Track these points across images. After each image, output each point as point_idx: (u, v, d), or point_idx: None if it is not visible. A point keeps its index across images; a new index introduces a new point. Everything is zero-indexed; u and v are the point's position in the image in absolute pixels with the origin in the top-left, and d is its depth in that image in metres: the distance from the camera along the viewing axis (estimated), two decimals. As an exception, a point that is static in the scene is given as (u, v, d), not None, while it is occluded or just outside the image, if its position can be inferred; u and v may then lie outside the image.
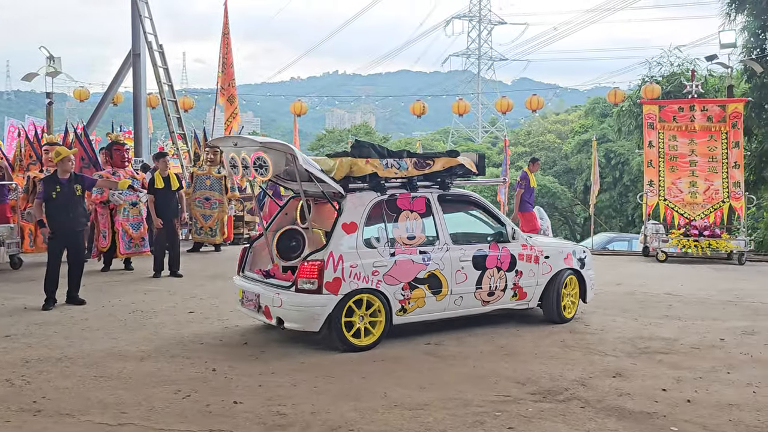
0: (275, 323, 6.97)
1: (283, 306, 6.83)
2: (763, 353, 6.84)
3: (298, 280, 6.82)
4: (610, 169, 38.91)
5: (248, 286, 7.41)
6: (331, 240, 6.92)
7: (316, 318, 6.75)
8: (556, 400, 5.35)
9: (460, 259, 7.55)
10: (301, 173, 7.02)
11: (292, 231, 7.61)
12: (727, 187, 15.02)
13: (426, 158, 7.77)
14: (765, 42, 17.08)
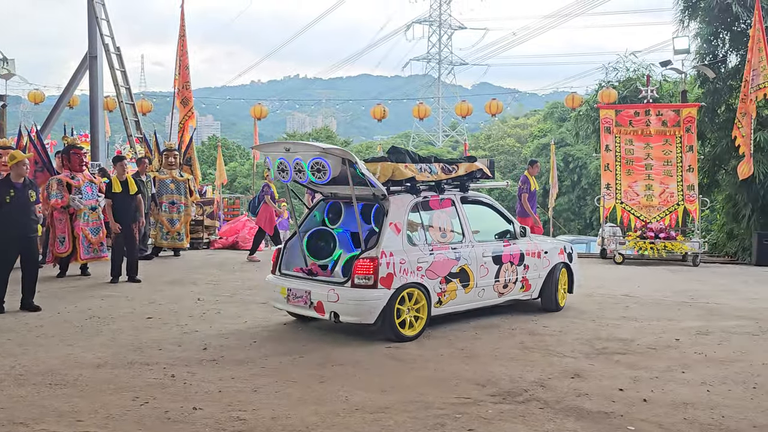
0: (328, 317, 7.43)
1: (339, 301, 7.31)
2: (716, 352, 6.97)
3: (355, 276, 7.34)
4: (568, 172, 39.46)
5: (296, 284, 7.82)
6: (381, 239, 7.48)
7: (373, 311, 7.29)
8: (516, 402, 5.40)
9: (482, 254, 8.34)
10: (354, 177, 7.51)
11: (320, 231, 8.45)
12: (682, 190, 15.32)
13: (451, 163, 8.56)
14: (717, 48, 17.43)
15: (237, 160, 65.12)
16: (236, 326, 8.02)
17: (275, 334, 7.63)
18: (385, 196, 7.72)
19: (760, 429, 4.87)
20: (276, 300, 8.05)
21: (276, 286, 8.04)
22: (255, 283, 11.41)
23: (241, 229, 17.31)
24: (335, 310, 7.36)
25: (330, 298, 7.38)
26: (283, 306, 7.97)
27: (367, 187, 7.66)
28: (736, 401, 5.44)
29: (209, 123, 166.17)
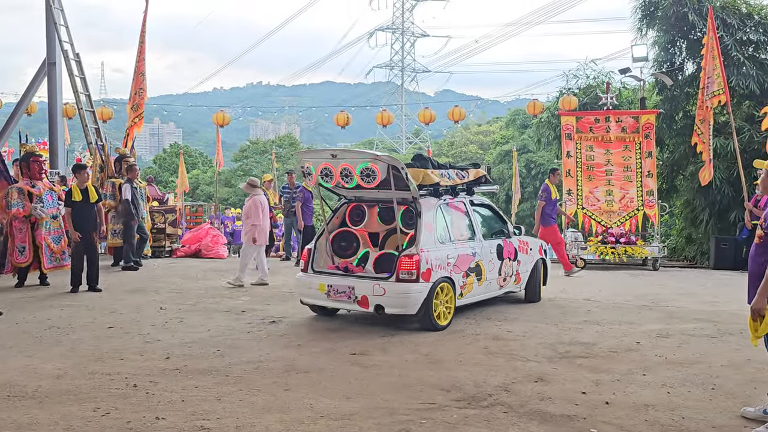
0: (372, 310, 8.21)
1: (386, 294, 8.09)
2: (676, 355, 7.09)
3: (400, 271, 8.12)
4: (530, 179, 39.84)
5: (337, 280, 8.52)
6: (419, 237, 8.32)
7: (416, 303, 8.11)
8: (480, 406, 5.43)
9: (490, 251, 9.37)
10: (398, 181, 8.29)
11: (343, 232, 9.30)
12: (641, 195, 15.56)
13: (462, 170, 9.63)
14: (674, 56, 17.76)
15: (200, 167, 64.56)
16: (199, 335, 7.95)
17: (239, 343, 7.57)
18: (416, 199, 8.56)
19: (719, 429, 4.96)
20: (310, 296, 8.77)
21: (312, 282, 8.70)
22: (218, 291, 11.33)
23: (204, 237, 17.14)
24: (380, 303, 8.14)
25: (376, 292, 8.13)
26: (319, 301, 8.69)
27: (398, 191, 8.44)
28: (695, 402, 5.53)
29: (171, 130, 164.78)
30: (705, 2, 16.37)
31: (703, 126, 14.57)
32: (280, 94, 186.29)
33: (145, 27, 17.28)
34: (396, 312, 8.18)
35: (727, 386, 5.97)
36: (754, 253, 5.11)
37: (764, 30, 16.22)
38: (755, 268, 5.07)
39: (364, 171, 8.28)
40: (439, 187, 8.89)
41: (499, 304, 10.05)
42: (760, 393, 5.63)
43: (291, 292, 11.28)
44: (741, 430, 4.96)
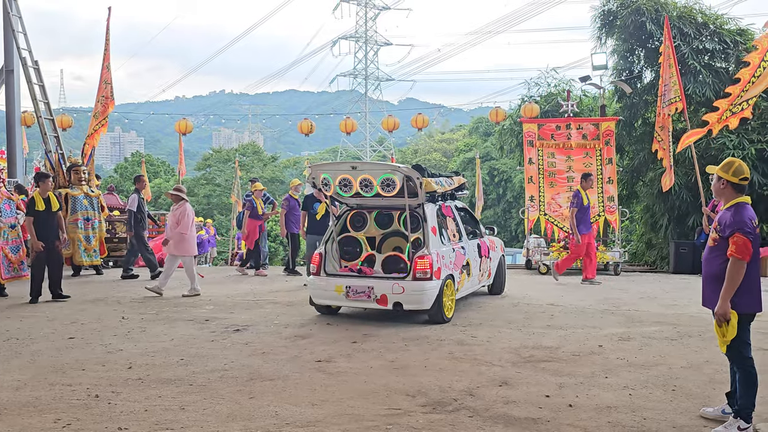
0: (391, 307, 8.99)
1: (405, 292, 8.90)
2: (637, 357, 7.19)
3: (416, 271, 8.94)
4: (494, 186, 40.13)
5: (356, 281, 9.24)
6: (428, 240, 9.17)
7: (431, 299, 8.95)
8: (446, 411, 5.45)
9: (473, 249, 10.47)
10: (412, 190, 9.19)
11: (347, 237, 10.16)
12: (602, 201, 15.77)
13: (449, 177, 10.51)
14: (633, 64, 18.07)
15: (162, 176, 63.88)
16: (162, 344, 7.86)
17: (203, 351, 7.50)
18: (421, 205, 9.42)
19: (680, 429, 5.05)
20: (326, 297, 9.39)
21: (329, 284, 9.30)
22: (181, 300, 11.22)
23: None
24: (399, 300, 8.94)
25: (395, 290, 8.93)
26: (336, 302, 9.39)
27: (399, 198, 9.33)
28: (656, 403, 5.62)
29: (132, 139, 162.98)
30: (662, 12, 16.68)
31: (663, 133, 14.80)
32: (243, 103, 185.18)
33: (109, 35, 17.05)
34: (413, 308, 8.99)
35: (687, 387, 6.07)
36: (708, 256, 5.21)
37: (719, 39, 16.59)
38: (709, 271, 5.17)
39: (385, 181, 9.19)
40: (435, 194, 9.75)
41: (464, 310, 10.11)
42: (718, 393, 5.74)
43: (256, 300, 11.24)
44: (701, 430, 5.05)
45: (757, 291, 5.05)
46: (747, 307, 4.99)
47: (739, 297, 4.93)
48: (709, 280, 5.18)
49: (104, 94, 16.53)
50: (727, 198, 5.13)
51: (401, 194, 9.22)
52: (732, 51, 16.57)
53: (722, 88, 16.21)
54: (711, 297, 5.11)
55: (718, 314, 4.92)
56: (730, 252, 4.92)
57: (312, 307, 9.91)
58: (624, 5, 17.33)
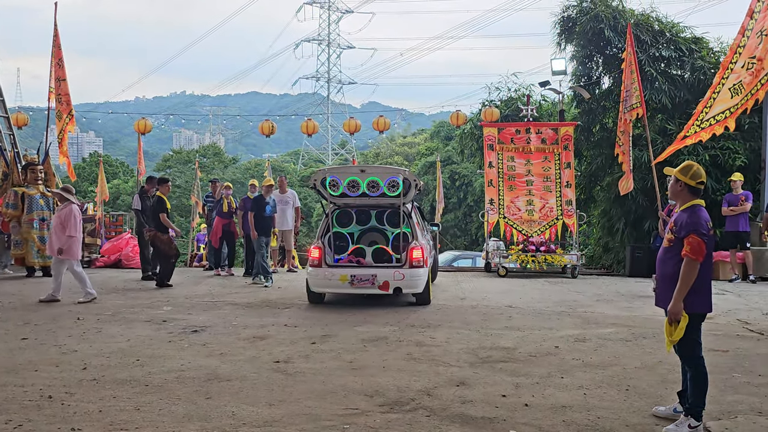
0: (392, 292, 10.46)
1: (404, 279, 10.40)
2: (593, 358, 7.29)
3: (412, 260, 10.48)
4: (455, 190, 40.29)
5: (359, 271, 10.59)
6: (417, 234, 10.98)
7: (423, 283, 10.56)
8: (403, 411, 5.47)
9: (429, 241, 12.19)
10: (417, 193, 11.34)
11: (336, 233, 11.65)
12: (561, 205, 15.97)
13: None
14: (591, 70, 18.33)
15: (120, 177, 63.05)
16: (118, 345, 7.76)
17: (159, 352, 7.42)
18: (405, 204, 11.16)
19: (633, 428, 5.13)
20: (329, 286, 10.60)
21: (333, 274, 10.52)
22: (138, 301, 11.08)
23: (125, 247, 16.77)
24: (399, 285, 10.41)
25: (396, 277, 10.41)
26: (339, 289, 10.61)
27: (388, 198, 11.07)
28: (610, 403, 5.70)
29: (91, 139, 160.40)
30: (620, 19, 16.96)
31: (624, 137, 15.07)
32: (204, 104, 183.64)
33: (57, 30, 16.73)
34: (410, 291, 10.54)
35: (641, 387, 6.17)
36: (663, 256, 5.31)
37: (675, 47, 16.90)
38: (664, 271, 5.27)
39: (391, 182, 10.79)
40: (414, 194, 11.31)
41: (423, 311, 10.17)
42: (670, 393, 5.84)
43: (214, 301, 11.15)
44: (653, 428, 5.14)
45: (708, 292, 5.17)
46: (698, 307, 5.10)
47: (691, 297, 5.04)
48: (663, 281, 5.29)
49: (60, 92, 16.25)
50: (683, 200, 5.24)
51: (397, 195, 10.90)
52: (687, 59, 16.90)
53: (678, 95, 16.57)
54: (664, 297, 5.21)
55: (671, 312, 5.02)
56: (684, 252, 5.03)
57: (268, 308, 10.06)
58: (583, 12, 17.59)
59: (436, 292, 11.96)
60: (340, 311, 10.21)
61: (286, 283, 13.55)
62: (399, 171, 10.94)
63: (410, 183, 10.87)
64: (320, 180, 11.13)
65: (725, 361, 7.09)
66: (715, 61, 16.92)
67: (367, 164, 12.78)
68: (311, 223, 48.93)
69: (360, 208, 11.73)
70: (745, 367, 6.93)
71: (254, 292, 12.20)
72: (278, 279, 14.21)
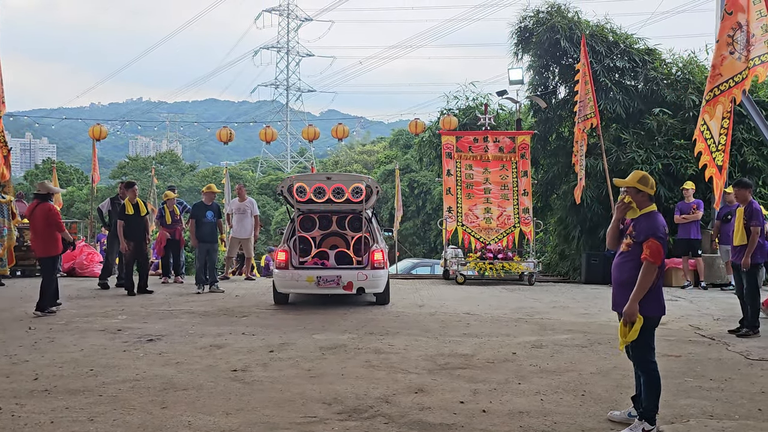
0: (356, 292, 11.08)
1: (367, 279, 11.06)
2: (549, 364, 7.37)
3: (374, 262, 11.21)
4: (414, 198, 40.41)
5: (325, 272, 11.22)
6: (377, 238, 11.91)
7: (384, 283, 11.27)
8: (362, 418, 5.46)
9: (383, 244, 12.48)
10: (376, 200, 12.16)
11: (300, 237, 12.07)
12: (518, 213, 16.12)
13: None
14: (548, 80, 18.55)
15: (75, 184, 61.97)
16: (72, 355, 7.61)
17: (114, 362, 7.30)
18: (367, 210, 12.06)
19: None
20: (296, 286, 11.15)
21: (300, 275, 11.10)
22: (92, 310, 10.90)
23: (78, 255, 16.45)
24: (362, 285, 11.04)
25: (359, 278, 11.05)
26: (306, 290, 11.16)
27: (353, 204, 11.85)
28: (567, 408, 5.77)
29: (44, 146, 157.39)
30: (576, 30, 17.22)
31: (577, 146, 15.31)
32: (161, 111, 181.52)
33: None
34: (372, 291, 11.21)
35: (596, 392, 6.25)
36: (620, 261, 5.41)
37: (629, 58, 17.21)
38: (620, 276, 5.36)
39: (355, 189, 11.57)
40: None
41: (382, 319, 10.18)
42: (625, 397, 5.93)
43: (170, 310, 11.01)
44: (608, 432, 5.21)
45: (661, 296, 5.29)
46: (653, 311, 5.21)
47: (647, 302, 5.14)
48: (619, 285, 5.40)
49: None
50: (642, 207, 5.35)
51: (358, 202, 11.68)
52: (641, 69, 17.22)
53: (632, 105, 16.87)
54: (620, 301, 5.30)
55: (626, 313, 5.12)
56: (644, 256, 5.15)
57: (226, 316, 10.03)
58: (539, 23, 17.80)
59: (395, 300, 11.98)
60: (299, 319, 10.16)
61: (244, 291, 13.45)
62: (362, 178, 11.83)
63: (372, 190, 11.69)
64: (287, 187, 11.83)
65: (678, 365, 7.22)
66: (667, 72, 17.28)
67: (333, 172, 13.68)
68: (270, 230, 48.63)
69: (322, 213, 12.36)
70: (697, 371, 7.06)
71: (211, 301, 12.08)
72: (236, 287, 14.10)
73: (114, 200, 14.15)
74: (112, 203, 14.10)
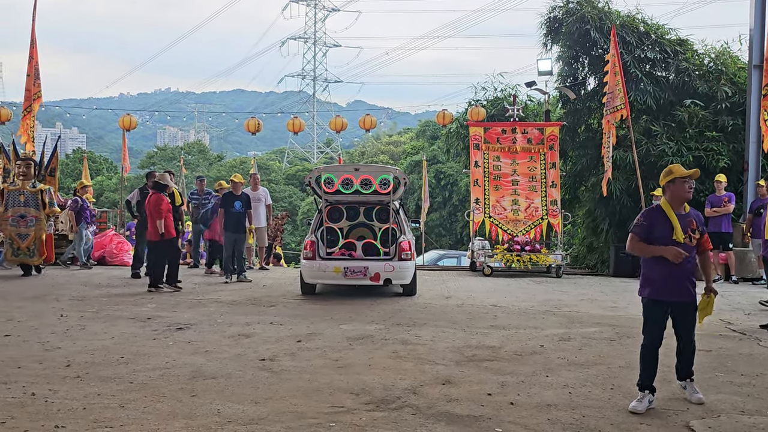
0: (382, 283, 11.16)
1: (395, 270, 11.10)
2: (577, 357, 7.33)
3: (402, 253, 11.24)
4: (440, 189, 40.38)
5: (352, 263, 11.30)
6: (404, 228, 11.93)
7: (411, 275, 11.30)
8: (389, 409, 5.47)
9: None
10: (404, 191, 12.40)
11: (328, 228, 12.10)
12: (546, 205, 16.01)
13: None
14: (577, 71, 18.39)
15: (104, 173, 62.69)
16: (102, 342, 7.72)
17: (144, 350, 7.39)
18: (393, 201, 12.05)
19: (617, 426, 5.16)
20: (323, 277, 11.24)
21: (328, 266, 11.18)
22: (123, 298, 11.03)
23: (108, 244, 16.65)
24: (389, 277, 11.09)
25: (386, 269, 11.10)
26: (333, 281, 11.24)
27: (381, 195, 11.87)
28: (595, 401, 5.74)
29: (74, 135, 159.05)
30: (606, 21, 17.04)
31: (605, 138, 15.16)
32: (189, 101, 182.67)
33: (35, 25, 16.60)
34: (399, 282, 11.25)
35: (625, 386, 6.20)
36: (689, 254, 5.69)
37: (660, 48, 17.00)
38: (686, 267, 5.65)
39: (383, 180, 11.65)
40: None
41: (409, 310, 10.18)
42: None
43: (199, 299, 11.11)
44: (638, 427, 5.17)
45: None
46: None
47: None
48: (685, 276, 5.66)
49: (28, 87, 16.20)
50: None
51: (386, 193, 11.71)
52: (672, 60, 17.01)
53: (662, 96, 16.67)
54: (689, 289, 5.66)
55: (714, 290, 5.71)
56: (709, 246, 5.78)
57: (253, 306, 10.09)
58: (569, 13, 17.64)
59: (422, 291, 11.99)
60: (326, 309, 10.20)
61: (271, 281, 13.53)
62: (390, 170, 11.93)
63: (400, 181, 11.78)
64: (315, 178, 11.97)
65: (708, 360, 7.15)
66: (699, 63, 17.04)
67: (361, 164, 13.66)
68: (296, 221, 48.84)
69: (350, 204, 12.40)
70: (727, 366, 6.99)
71: (239, 290, 12.17)
72: (262, 277, 14.18)
73: (142, 190, 14.20)
74: (141, 193, 14.18)
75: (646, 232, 5.68)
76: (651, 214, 5.73)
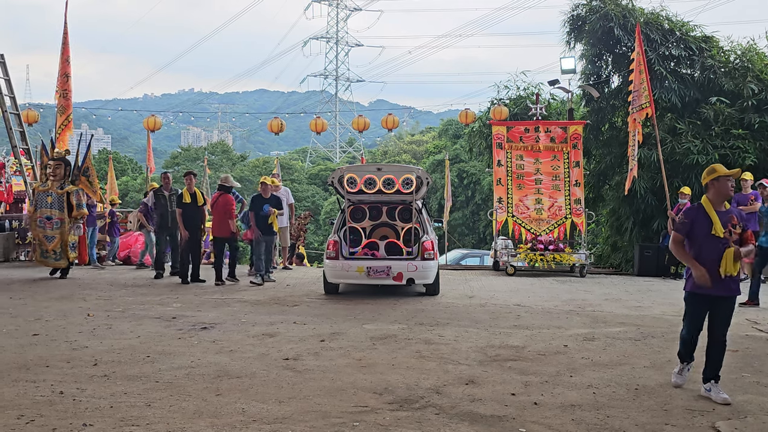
0: (405, 283, 11.15)
1: (417, 270, 11.11)
2: (601, 357, 7.29)
3: (425, 253, 11.27)
4: (462, 188, 40.31)
5: (375, 263, 11.30)
6: (427, 228, 11.89)
7: (434, 274, 11.30)
8: (412, 408, 5.48)
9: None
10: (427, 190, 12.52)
11: (350, 228, 12.16)
12: (569, 204, 15.94)
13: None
14: (601, 69, 18.29)
15: (129, 174, 63.25)
16: (129, 341, 7.80)
17: (169, 349, 7.45)
18: (416, 201, 12.10)
19: (642, 427, 5.13)
20: (346, 277, 11.27)
21: (351, 266, 11.21)
22: (148, 298, 11.14)
23: (134, 244, 16.82)
24: (412, 276, 11.09)
25: (409, 269, 11.11)
26: (356, 280, 11.26)
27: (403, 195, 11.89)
28: (620, 402, 5.71)
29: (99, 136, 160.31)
30: (630, 18, 16.92)
31: (629, 137, 15.05)
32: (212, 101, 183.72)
33: (67, 27, 16.79)
34: (422, 282, 11.26)
35: (650, 386, 6.17)
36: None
37: (685, 45, 16.85)
38: None
39: (405, 180, 11.64)
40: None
41: (432, 309, 10.18)
42: (679, 392, 5.88)
43: (223, 298, 11.19)
44: (662, 428, 5.14)
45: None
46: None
47: None
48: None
49: (66, 88, 16.30)
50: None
51: (409, 192, 11.74)
52: (697, 57, 16.86)
53: (687, 94, 16.53)
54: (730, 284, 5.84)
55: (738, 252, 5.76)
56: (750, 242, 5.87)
57: (277, 305, 10.18)
58: (592, 11, 17.54)
59: (444, 290, 11.98)
60: (349, 309, 10.23)
61: (295, 281, 13.59)
62: (413, 169, 11.93)
63: (422, 180, 11.82)
64: (338, 178, 12.06)
65: (735, 361, 7.08)
66: (725, 60, 16.86)
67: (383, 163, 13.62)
68: (319, 220, 48.96)
69: (372, 204, 12.47)
70: (754, 367, 6.93)
71: (263, 290, 12.24)
72: (286, 277, 14.25)
73: (157, 192, 14.21)
74: (156, 195, 14.21)
75: (687, 229, 5.88)
76: (692, 211, 5.92)
